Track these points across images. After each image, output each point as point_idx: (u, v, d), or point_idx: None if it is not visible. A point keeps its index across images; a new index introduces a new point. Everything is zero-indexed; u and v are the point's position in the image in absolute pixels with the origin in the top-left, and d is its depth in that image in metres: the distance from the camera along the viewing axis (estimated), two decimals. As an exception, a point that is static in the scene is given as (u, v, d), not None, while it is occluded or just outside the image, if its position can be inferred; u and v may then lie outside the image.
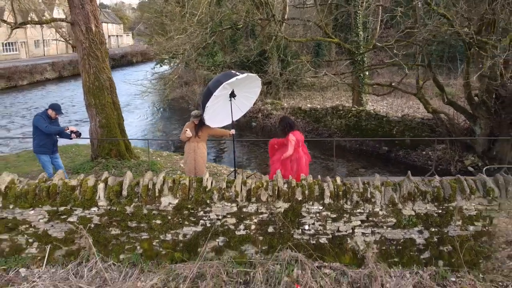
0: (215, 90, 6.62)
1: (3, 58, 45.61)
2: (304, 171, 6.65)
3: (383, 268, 5.51)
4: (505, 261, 5.85)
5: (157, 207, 5.50)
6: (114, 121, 9.40)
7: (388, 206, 5.59)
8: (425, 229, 5.66)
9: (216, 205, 5.51)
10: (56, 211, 5.43)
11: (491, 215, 5.64)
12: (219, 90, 6.62)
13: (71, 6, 8.76)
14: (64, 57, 46.33)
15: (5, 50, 46.37)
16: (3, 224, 5.41)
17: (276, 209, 5.54)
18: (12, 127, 19.15)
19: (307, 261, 5.49)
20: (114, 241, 5.57)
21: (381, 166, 13.37)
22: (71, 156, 11.24)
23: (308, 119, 18.09)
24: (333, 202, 5.55)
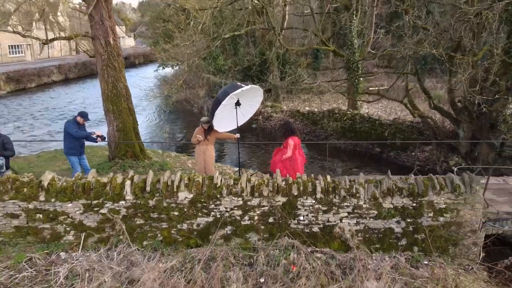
0: (224, 100, 7.59)
1: (10, 60, 46.53)
2: (300, 170, 7.62)
3: (366, 253, 6.50)
4: (471, 247, 6.84)
5: (175, 200, 6.48)
6: (129, 125, 10.39)
7: (371, 200, 6.57)
8: (402, 220, 6.65)
9: (225, 199, 6.49)
10: (90, 204, 6.41)
11: (458, 208, 6.62)
12: (227, 99, 7.59)
13: (92, 22, 9.74)
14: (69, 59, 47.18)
15: (12, 53, 47.29)
16: (46, 215, 6.40)
17: (275, 203, 6.52)
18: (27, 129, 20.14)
19: (302, 246, 6.46)
20: (138, 230, 6.55)
21: (374, 166, 14.35)
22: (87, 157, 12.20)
23: (306, 122, 19.06)
24: (324, 196, 6.53)
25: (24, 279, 5.83)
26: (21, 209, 6.36)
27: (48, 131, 19.85)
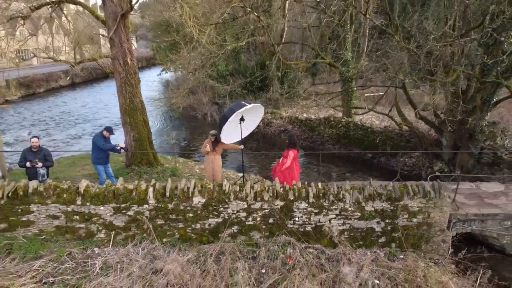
0: (230, 117, 8.76)
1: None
2: (296, 178, 8.80)
3: (350, 248, 7.69)
4: (440, 244, 8.03)
5: (190, 204, 7.66)
6: (144, 135, 11.58)
7: (355, 204, 7.75)
8: (382, 221, 7.83)
9: (232, 203, 7.68)
10: (119, 207, 7.60)
11: (428, 210, 7.81)
12: (233, 116, 8.77)
13: (112, 45, 10.92)
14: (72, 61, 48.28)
15: (18, 56, 48.56)
16: (82, 216, 7.58)
17: (275, 206, 7.70)
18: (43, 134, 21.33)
19: (297, 243, 7.65)
20: (159, 229, 7.73)
21: (365, 171, 15.52)
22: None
23: (304, 128, 20.26)
24: (315, 201, 7.72)
25: (67, 270, 7.02)
26: (61, 211, 7.55)
27: (68, 135, 21.12)
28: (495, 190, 10.27)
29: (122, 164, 12.21)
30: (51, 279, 6.77)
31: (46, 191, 7.51)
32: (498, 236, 9.13)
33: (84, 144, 19.06)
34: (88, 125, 23.78)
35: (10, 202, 7.45)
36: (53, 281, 6.73)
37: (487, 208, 9.23)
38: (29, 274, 6.80)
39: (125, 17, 10.76)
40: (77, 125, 23.71)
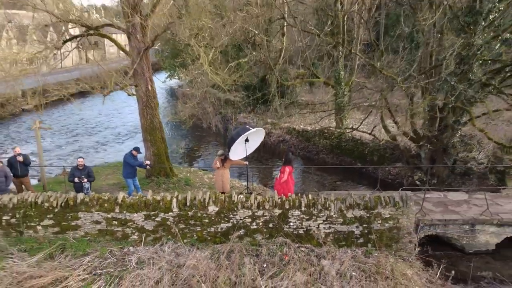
0: (237, 139, 10.59)
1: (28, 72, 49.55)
2: (291, 190, 10.60)
3: (334, 247, 9.51)
4: (408, 244, 9.86)
5: (206, 212, 9.48)
6: (162, 151, 13.40)
7: (338, 212, 9.58)
8: (360, 225, 9.65)
9: (239, 211, 9.49)
10: (149, 214, 9.42)
11: (398, 217, 9.62)
12: (240, 139, 10.59)
13: (135, 74, 12.74)
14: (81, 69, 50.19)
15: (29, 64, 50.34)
16: (119, 222, 9.40)
17: (274, 213, 9.52)
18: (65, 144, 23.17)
19: (291, 243, 9.45)
20: (181, 232, 9.55)
21: (355, 179, 17.35)
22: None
23: (301, 138, 22.09)
24: (306, 209, 9.54)
25: (109, 264, 8.83)
26: (102, 217, 9.37)
27: (91, 143, 23.00)
28: (459, 199, 12.10)
29: (142, 175, 14.02)
30: (99, 271, 8.59)
31: (91, 201, 9.34)
32: (458, 237, 10.97)
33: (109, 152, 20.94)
34: (107, 132, 25.60)
35: (62, 210, 9.28)
36: (100, 272, 8.55)
37: (449, 214, 11.06)
38: (81, 268, 8.62)
39: (147, 51, 12.59)
40: (97, 133, 25.53)
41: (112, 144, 23.29)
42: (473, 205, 11.66)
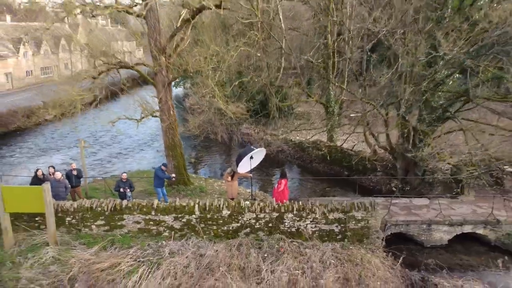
0: (244, 157, 13.39)
1: (40, 81, 52.41)
2: (286, 198, 13.39)
3: (319, 242, 12.31)
4: (376, 240, 12.63)
5: (220, 215, 12.27)
6: (181, 164, 16.20)
7: (322, 215, 12.37)
8: (339, 225, 12.44)
9: (246, 214, 12.28)
10: (177, 216, 12.21)
11: (368, 219, 12.41)
12: (246, 157, 13.40)
13: (160, 101, 15.54)
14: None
15: (43, 74, 53.24)
16: (154, 222, 12.19)
17: (272, 216, 12.32)
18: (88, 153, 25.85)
19: (286, 239, 12.24)
20: (201, 230, 12.35)
21: (342, 186, 20.13)
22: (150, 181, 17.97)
23: (297, 148, 24.87)
24: (297, 212, 12.33)
25: (149, 254, 11.61)
26: (141, 219, 12.17)
27: (110, 154, 25.72)
28: (421, 204, 14.92)
29: (165, 184, 16.80)
30: (141, 259, 11.38)
31: (133, 206, 12.14)
32: (418, 234, 13.79)
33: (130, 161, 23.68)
34: (127, 142, 28.20)
35: (111, 213, 12.07)
36: (143, 260, 11.34)
37: (411, 216, 13.89)
38: (128, 256, 11.41)
39: (169, 84, 15.40)
40: (114, 144, 28.21)
41: (132, 154, 26.00)
42: (432, 209, 14.48)
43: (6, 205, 11.20)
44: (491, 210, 13.86)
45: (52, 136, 30.37)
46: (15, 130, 30.39)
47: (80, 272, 10.44)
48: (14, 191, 11.38)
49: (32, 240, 11.73)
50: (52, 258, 10.99)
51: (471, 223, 13.82)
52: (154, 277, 10.70)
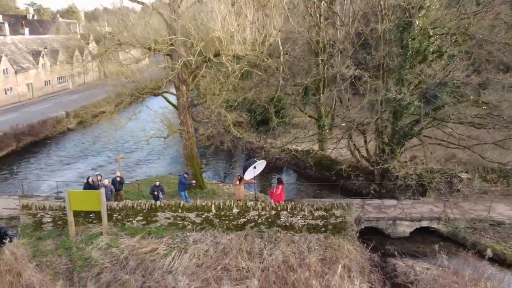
0: (249, 167, 16.95)
1: (57, 90, 55.97)
2: (282, 199, 16.92)
3: (307, 233, 15.86)
4: (351, 232, 16.19)
5: (231, 212, 15.82)
6: (197, 171, 19.73)
7: (310, 212, 15.93)
8: (322, 220, 16.00)
9: (251, 212, 15.84)
10: (198, 213, 15.75)
11: (345, 215, 15.96)
12: (250, 167, 16.96)
13: (181, 122, 19.09)
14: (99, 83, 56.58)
15: (59, 83, 56.75)
16: (181, 218, 15.74)
17: (271, 213, 15.88)
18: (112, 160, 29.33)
19: (282, 231, 15.80)
20: (217, 224, 15.89)
21: (330, 189, 23.61)
22: (170, 185, 21.52)
23: (293, 156, 28.38)
24: (291, 211, 15.89)
25: (177, 242, 15.13)
26: (171, 215, 15.71)
27: (134, 158, 29.18)
28: (390, 204, 18.48)
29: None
30: (172, 245, 14.93)
31: (164, 206, 15.71)
32: (386, 228, 17.35)
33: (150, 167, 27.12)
34: (146, 150, 31.45)
35: (148, 211, 15.62)
36: (173, 246, 14.89)
37: (381, 214, 17.45)
38: (163, 243, 14.94)
39: (189, 108, 18.96)
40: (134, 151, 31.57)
41: (151, 160, 29.42)
42: (398, 208, 18.03)
43: (71, 205, 14.77)
44: (443, 209, 17.44)
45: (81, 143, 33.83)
46: (44, 139, 33.79)
47: (130, 254, 13.99)
48: (77, 194, 14.96)
49: (89, 231, 15.30)
50: (106, 244, 14.55)
51: (427, 219, 17.40)
52: (183, 258, 14.23)
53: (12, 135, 29.68)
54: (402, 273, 14.22)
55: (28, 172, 26.21)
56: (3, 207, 17.06)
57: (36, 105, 44.46)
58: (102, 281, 12.80)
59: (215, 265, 13.99)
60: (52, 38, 59.88)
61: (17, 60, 46.98)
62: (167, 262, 13.90)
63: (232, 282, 13.00)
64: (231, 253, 14.40)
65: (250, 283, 12.87)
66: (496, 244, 15.96)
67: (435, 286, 12.87)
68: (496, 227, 17.06)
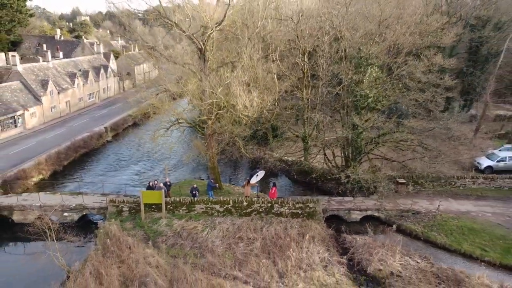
0: (254, 175, 25.32)
1: (88, 104, 64.24)
2: (275, 197, 25.29)
3: (292, 218, 24.26)
4: (320, 217, 24.60)
5: (243, 205, 24.21)
6: (217, 177, 28.08)
7: (293, 205, 24.33)
8: (301, 209, 24.38)
9: (255, 204, 24.22)
10: (221, 205, 24.14)
11: (315, 207, 24.33)
12: (254, 175, 25.32)
13: (207, 146, 27.44)
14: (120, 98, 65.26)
15: (89, 98, 65.10)
16: (210, 208, 24.12)
17: (268, 205, 24.28)
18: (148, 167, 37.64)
19: (274, 217, 24.20)
20: (233, 212, 24.28)
21: (310, 189, 32.03)
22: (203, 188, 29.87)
23: (284, 165, 36.77)
24: (280, 204, 24.29)
25: (208, 223, 23.52)
26: (204, 207, 24.09)
27: (160, 170, 37.48)
28: (348, 200, 26.88)
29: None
30: (206, 225, 23.30)
31: (199, 200, 24.13)
32: (343, 215, 25.77)
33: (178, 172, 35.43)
34: (174, 160, 39.57)
35: (189, 204, 24.03)
36: (207, 225, 23.26)
37: (341, 206, 25.87)
38: (200, 224, 23.33)
39: (213, 135, 27.36)
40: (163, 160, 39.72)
41: (178, 167, 37.70)
42: (353, 203, 26.44)
43: (143, 199, 23.20)
44: (381, 203, 25.87)
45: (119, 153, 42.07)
46: (92, 150, 42.04)
47: (181, 229, 22.39)
48: (146, 193, 23.39)
49: (153, 216, 23.72)
50: (165, 224, 22.96)
51: (371, 209, 25.82)
52: (213, 232, 22.61)
53: (72, 148, 37.94)
54: (348, 242, 22.64)
55: (92, 177, 34.42)
56: (93, 201, 25.44)
57: (75, 120, 52.62)
58: (168, 244, 21.20)
59: (233, 236, 22.39)
60: (81, 59, 68.22)
61: (58, 82, 55.37)
62: (204, 234, 22.31)
63: (244, 245, 21.40)
64: (243, 229, 22.82)
65: (254, 246, 21.27)
66: (412, 225, 24.39)
67: (364, 248, 21.27)
68: (415, 215, 25.46)
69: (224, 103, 22.97)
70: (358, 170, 27.93)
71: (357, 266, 20.48)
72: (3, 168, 31.39)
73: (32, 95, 48.43)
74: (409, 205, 26.06)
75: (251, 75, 22.59)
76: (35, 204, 24.57)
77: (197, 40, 23.75)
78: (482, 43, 45.89)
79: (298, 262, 19.75)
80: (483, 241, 22.34)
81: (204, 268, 18.88)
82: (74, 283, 17.07)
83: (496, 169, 33.09)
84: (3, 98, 43.69)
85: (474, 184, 29.44)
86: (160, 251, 20.03)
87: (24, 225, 24.07)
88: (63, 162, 35.94)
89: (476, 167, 33.80)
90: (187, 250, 20.77)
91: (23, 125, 45.58)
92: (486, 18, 45.25)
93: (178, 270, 18.11)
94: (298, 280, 18.47)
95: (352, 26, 25.10)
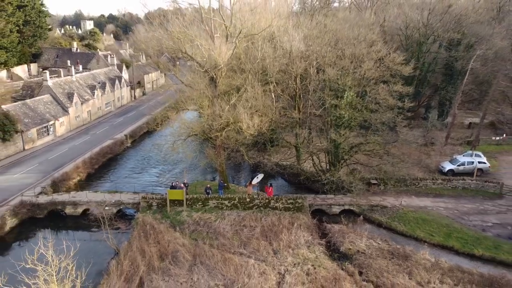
0: (255, 177, 31.61)
1: (105, 113, 70.47)
2: (271, 195, 31.58)
3: (284, 211, 30.57)
4: (306, 211, 30.89)
5: (246, 200, 30.52)
6: (226, 179, 34.33)
7: (285, 200, 30.64)
8: (291, 205, 30.67)
9: (255, 200, 30.52)
10: (229, 201, 30.42)
11: (303, 203, 30.64)
12: (255, 177, 31.62)
13: (216, 154, 33.74)
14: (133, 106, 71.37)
15: (106, 107, 71.43)
16: (221, 204, 30.42)
17: (266, 201, 30.59)
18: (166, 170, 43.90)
19: (271, 210, 30.51)
20: (239, 206, 30.59)
21: (302, 188, 38.30)
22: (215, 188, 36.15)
23: (279, 168, 43.01)
24: (275, 200, 30.60)
25: (219, 215, 29.86)
26: (216, 202, 30.34)
27: (178, 169, 43.73)
28: (330, 197, 33.17)
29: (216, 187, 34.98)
30: (217, 216, 29.61)
31: (212, 197, 30.45)
32: (326, 209, 32.08)
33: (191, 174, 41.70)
34: (185, 163, 45.72)
35: (204, 200, 30.36)
36: (218, 217, 29.57)
37: (324, 202, 32.17)
38: (213, 215, 29.61)
39: (221, 147, 33.67)
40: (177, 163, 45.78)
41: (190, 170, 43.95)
42: (334, 199, 32.75)
43: (169, 196, 29.56)
44: (356, 199, 32.18)
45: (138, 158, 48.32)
46: (116, 155, 48.27)
47: (199, 219, 28.71)
48: (172, 191, 29.74)
49: (176, 210, 30.07)
50: (186, 216, 29.29)
51: (347, 204, 32.18)
52: (223, 222, 28.90)
53: (101, 154, 44.25)
54: (327, 229, 28.95)
55: (120, 178, 40.55)
56: (128, 198, 31.77)
57: (97, 128, 58.83)
58: (190, 230, 27.52)
59: (239, 224, 28.68)
60: (99, 72, 74.57)
61: (81, 94, 61.71)
62: (216, 223, 28.61)
63: (247, 231, 27.72)
64: (246, 219, 29.14)
65: (255, 231, 27.58)
66: (379, 216, 30.70)
67: (339, 233, 27.61)
68: (383, 209, 31.74)
69: (231, 121, 29.29)
70: (337, 173, 34.23)
71: (333, 247, 26.77)
72: (48, 171, 37.74)
73: (61, 107, 54.78)
74: (378, 201, 32.37)
75: (253, 104, 28.94)
76: (83, 200, 30.91)
77: (211, 71, 30.07)
78: (454, 61, 52.36)
79: (288, 243, 26.01)
80: (432, 228, 28.64)
81: (218, 247, 25.17)
82: (125, 256, 23.38)
83: (457, 172, 39.30)
84: (38, 110, 50.06)
85: (434, 184, 35.73)
86: (184, 235, 26.34)
87: (74, 217, 30.45)
88: (95, 165, 42.21)
89: (441, 170, 40.04)
90: (204, 234, 27.07)
91: (54, 133, 51.91)
92: (457, 40, 51.72)
93: (199, 248, 24.42)
94: (287, 255, 24.73)
95: (331, 63, 31.48)
